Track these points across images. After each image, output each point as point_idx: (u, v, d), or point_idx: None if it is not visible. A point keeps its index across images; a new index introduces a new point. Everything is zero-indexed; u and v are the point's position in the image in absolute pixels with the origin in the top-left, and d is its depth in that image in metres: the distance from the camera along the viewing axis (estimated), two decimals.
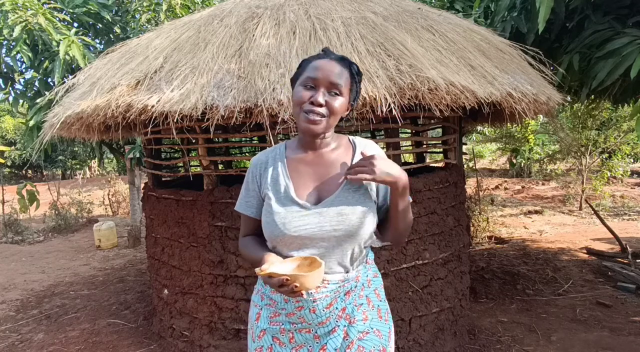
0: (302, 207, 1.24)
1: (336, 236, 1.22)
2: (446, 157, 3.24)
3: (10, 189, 10.12)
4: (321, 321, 1.26)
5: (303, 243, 1.23)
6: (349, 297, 1.29)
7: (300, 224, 1.22)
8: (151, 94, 2.33)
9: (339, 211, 1.23)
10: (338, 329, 1.27)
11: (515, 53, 3.06)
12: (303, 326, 1.29)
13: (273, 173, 1.31)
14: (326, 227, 1.22)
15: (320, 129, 1.21)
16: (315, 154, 1.31)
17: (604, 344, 2.93)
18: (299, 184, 1.28)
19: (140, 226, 6.77)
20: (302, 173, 1.29)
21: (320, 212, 1.23)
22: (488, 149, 16.88)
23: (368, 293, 1.34)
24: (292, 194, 1.26)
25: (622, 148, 8.16)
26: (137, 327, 3.54)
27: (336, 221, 1.22)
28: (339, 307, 1.27)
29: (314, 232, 1.22)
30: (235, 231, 2.71)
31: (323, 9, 2.65)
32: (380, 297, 1.38)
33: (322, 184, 1.28)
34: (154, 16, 5.63)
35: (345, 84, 1.22)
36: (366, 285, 1.35)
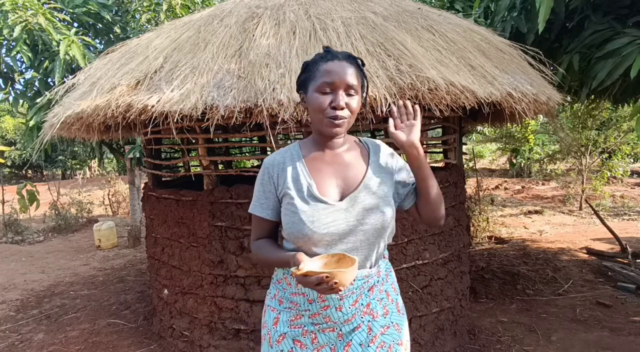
0: (328, 204, 1.24)
1: (364, 230, 1.24)
2: (446, 157, 3.24)
3: (10, 189, 10.12)
4: (347, 319, 1.27)
5: (332, 240, 1.22)
6: (373, 292, 1.31)
7: (329, 220, 1.22)
8: (151, 94, 2.33)
9: (364, 205, 1.25)
10: (363, 325, 1.29)
11: (515, 53, 3.06)
12: (328, 326, 1.29)
13: (292, 173, 1.29)
14: (353, 222, 1.24)
15: (343, 130, 1.26)
16: (333, 153, 1.33)
17: (604, 344, 2.93)
18: (320, 182, 1.28)
19: (140, 226, 6.77)
20: (323, 171, 1.30)
21: (345, 208, 1.25)
22: (488, 149, 16.88)
23: (387, 287, 1.37)
24: (315, 192, 1.25)
25: (622, 148, 8.17)
26: (137, 327, 3.54)
27: (362, 215, 1.24)
28: (364, 303, 1.29)
29: (343, 228, 1.23)
30: (235, 231, 2.71)
31: (323, 9, 2.65)
32: (396, 291, 1.42)
33: (343, 181, 1.30)
34: (154, 16, 5.63)
35: (359, 82, 1.25)
36: (385, 279, 1.38)
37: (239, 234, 2.69)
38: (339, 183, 1.29)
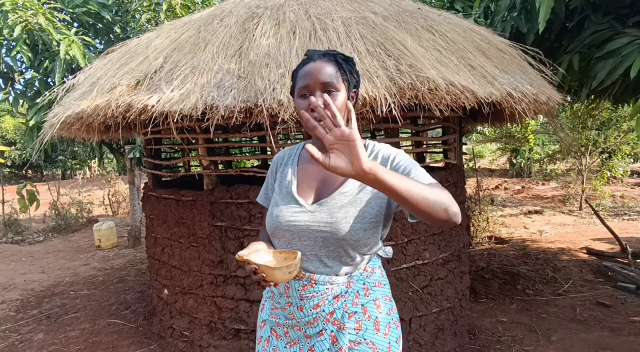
0: (298, 204, 1.28)
1: (322, 236, 1.22)
2: (446, 157, 3.24)
3: (10, 189, 10.12)
4: (308, 321, 1.27)
5: (292, 237, 1.27)
6: (338, 301, 1.26)
7: (291, 219, 1.26)
8: (151, 94, 2.33)
9: (329, 213, 1.22)
10: (325, 333, 1.26)
11: (515, 53, 3.06)
12: (293, 323, 1.31)
13: (284, 170, 1.38)
14: (314, 226, 1.23)
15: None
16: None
17: (604, 344, 2.93)
18: (303, 182, 1.32)
19: (140, 226, 6.77)
20: (309, 172, 1.32)
21: (312, 211, 1.24)
22: (488, 149, 16.88)
23: (365, 302, 1.28)
24: (292, 190, 1.30)
25: (622, 148, 8.17)
26: (137, 327, 3.54)
27: (324, 222, 1.22)
28: (326, 309, 1.25)
29: (302, 230, 1.24)
30: (235, 230, 2.71)
31: (323, 9, 2.65)
32: (380, 309, 1.29)
33: (323, 184, 1.29)
34: (154, 16, 5.63)
35: (337, 78, 1.19)
36: (362, 293, 1.28)
37: (239, 234, 2.69)
38: (318, 186, 1.29)
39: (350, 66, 1.25)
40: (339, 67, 1.21)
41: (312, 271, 1.26)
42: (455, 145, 3.16)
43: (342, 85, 1.20)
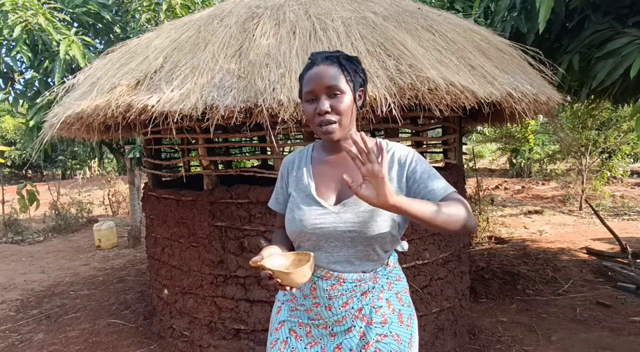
0: (322, 206, 1.27)
1: (350, 236, 1.23)
2: (446, 157, 3.24)
3: (10, 189, 10.12)
4: (337, 319, 1.28)
5: (318, 240, 1.26)
6: (366, 297, 1.28)
7: (317, 222, 1.25)
8: (151, 94, 2.33)
9: (355, 213, 1.23)
10: (354, 329, 1.27)
11: (515, 53, 3.06)
12: (320, 322, 1.31)
13: (298, 173, 1.37)
14: (341, 227, 1.23)
15: (338, 134, 1.23)
16: (338, 155, 1.32)
17: (604, 344, 2.93)
18: (320, 184, 1.31)
19: (140, 226, 6.77)
20: (325, 174, 1.32)
21: (337, 213, 1.24)
22: (488, 149, 16.88)
23: (388, 296, 1.32)
24: (313, 193, 1.30)
25: (622, 148, 8.17)
26: (137, 327, 3.54)
27: (351, 222, 1.22)
28: (355, 306, 1.27)
29: (329, 231, 1.24)
30: (235, 231, 2.71)
31: (323, 9, 2.65)
32: (402, 302, 1.34)
33: (343, 185, 1.28)
34: (153, 16, 5.63)
35: (341, 80, 1.21)
36: (386, 287, 1.32)
37: (239, 234, 2.69)
38: (337, 187, 1.29)
39: (355, 66, 1.25)
40: (343, 69, 1.22)
41: (340, 271, 1.26)
42: (455, 145, 3.16)
43: (346, 87, 1.21)
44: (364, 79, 1.29)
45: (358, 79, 1.26)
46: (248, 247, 2.67)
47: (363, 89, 1.30)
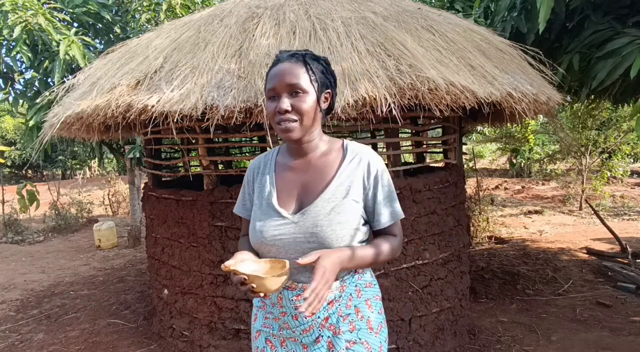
0: (281, 216, 1.23)
1: (309, 247, 1.18)
2: (446, 157, 3.24)
3: (10, 189, 10.11)
4: (304, 329, 1.24)
5: (278, 252, 1.22)
6: (332, 306, 1.24)
7: (276, 233, 1.22)
8: (151, 94, 2.33)
9: (314, 222, 1.18)
10: (322, 340, 1.23)
11: (515, 53, 3.06)
12: (289, 333, 1.28)
13: (262, 180, 1.32)
14: (300, 238, 1.19)
15: (297, 134, 1.19)
16: (302, 160, 1.27)
17: (604, 344, 2.93)
18: (282, 191, 1.27)
19: (140, 226, 6.77)
20: (287, 180, 1.27)
21: (296, 222, 1.20)
22: (488, 149, 16.87)
23: (357, 303, 1.27)
24: (273, 202, 1.25)
25: (622, 148, 8.17)
26: (137, 327, 3.54)
27: (310, 232, 1.18)
28: (321, 316, 1.23)
29: (288, 243, 1.20)
30: (235, 230, 2.71)
31: (323, 9, 2.65)
32: (372, 309, 1.29)
33: (304, 191, 1.24)
34: (153, 16, 5.63)
35: (304, 79, 1.16)
36: (355, 295, 1.27)
37: (238, 234, 2.69)
38: (299, 193, 1.25)
39: (322, 66, 1.21)
40: (307, 68, 1.17)
41: (305, 281, 1.22)
42: (455, 145, 3.16)
43: (309, 87, 1.17)
44: (332, 82, 1.24)
45: (325, 80, 1.21)
46: None
47: (330, 92, 1.24)
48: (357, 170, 1.23)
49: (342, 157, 1.25)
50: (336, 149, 1.28)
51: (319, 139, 1.27)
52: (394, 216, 1.26)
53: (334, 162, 1.25)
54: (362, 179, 1.23)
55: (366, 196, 1.24)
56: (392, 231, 1.27)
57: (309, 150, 1.27)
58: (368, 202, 1.24)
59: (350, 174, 1.23)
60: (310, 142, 1.25)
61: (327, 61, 1.24)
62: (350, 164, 1.24)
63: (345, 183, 1.22)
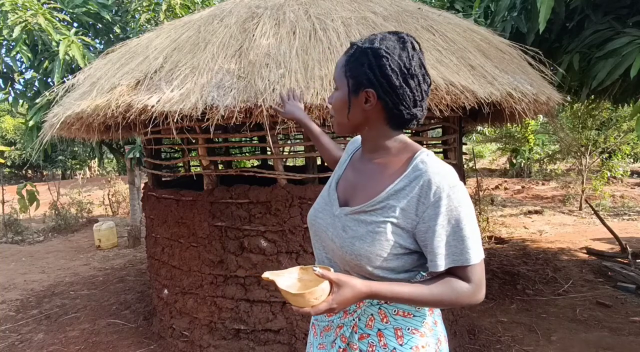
0: (330, 202, 1.16)
1: (332, 246, 1.11)
2: (446, 157, 3.23)
3: (10, 189, 10.11)
4: (325, 326, 1.19)
5: (314, 234, 1.19)
6: (346, 317, 1.13)
7: (318, 215, 1.18)
8: (151, 94, 2.33)
9: (344, 226, 1.08)
10: (335, 346, 1.14)
11: (515, 53, 3.06)
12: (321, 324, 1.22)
13: (345, 157, 1.27)
14: (330, 232, 1.11)
15: (337, 130, 1.13)
16: (364, 160, 1.15)
17: (604, 344, 2.93)
18: (342, 181, 1.21)
19: (140, 226, 6.77)
20: (348, 173, 1.21)
21: (335, 215, 1.12)
22: (488, 149, 16.88)
23: (382, 328, 1.09)
24: (333, 185, 1.20)
25: (622, 148, 8.17)
26: (137, 327, 3.54)
27: (337, 233, 1.09)
28: (335, 321, 1.15)
29: (321, 230, 1.15)
30: (235, 230, 2.70)
31: (323, 9, 2.65)
32: (402, 340, 1.08)
33: (353, 192, 1.13)
34: (153, 16, 5.63)
35: (339, 75, 1.07)
36: (377, 317, 1.09)
37: (239, 234, 2.69)
38: (349, 191, 1.15)
39: (369, 59, 1.00)
40: (349, 61, 1.05)
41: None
42: (455, 145, 3.16)
43: (342, 82, 1.06)
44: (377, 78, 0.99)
45: (362, 76, 1.01)
46: (248, 247, 2.67)
47: (371, 91, 1.01)
48: (412, 191, 1.00)
49: (402, 171, 1.04)
50: (402, 160, 1.07)
51: (382, 142, 1.09)
52: (458, 259, 0.98)
53: (390, 174, 1.06)
54: (415, 204, 0.99)
55: (417, 225, 1.00)
56: (461, 275, 1.00)
57: (369, 151, 1.13)
58: (419, 234, 1.00)
59: (400, 193, 1.01)
60: (368, 143, 1.12)
61: (387, 55, 0.98)
62: (405, 181, 1.02)
63: (389, 201, 1.02)
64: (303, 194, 2.58)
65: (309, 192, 2.58)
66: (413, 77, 1.00)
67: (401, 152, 1.08)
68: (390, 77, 0.98)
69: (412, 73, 1.00)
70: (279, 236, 2.62)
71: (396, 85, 0.99)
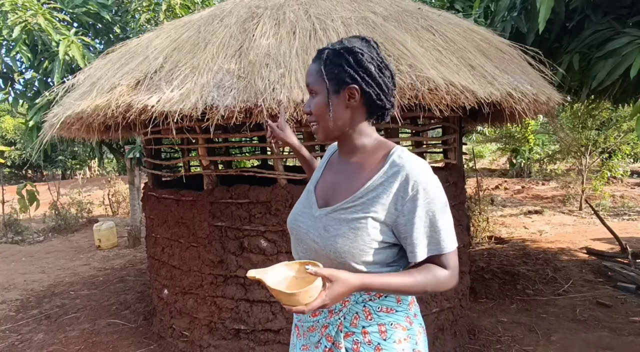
0: (309, 205, 1.19)
1: (314, 247, 1.12)
2: (446, 157, 3.23)
3: (10, 189, 10.11)
4: (309, 327, 1.19)
5: (295, 239, 1.21)
6: (331, 317, 1.14)
7: (298, 219, 1.20)
8: (151, 94, 2.33)
9: (326, 225, 1.10)
10: (320, 346, 1.15)
11: (515, 53, 3.06)
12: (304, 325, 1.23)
13: (321, 162, 1.31)
14: (311, 234, 1.13)
15: (320, 136, 1.14)
16: (342, 160, 1.19)
17: (604, 344, 2.93)
18: (320, 183, 1.24)
19: (140, 226, 6.77)
20: (327, 175, 1.24)
21: (315, 217, 1.15)
22: (488, 149, 16.88)
23: (367, 325, 1.12)
24: (311, 189, 1.23)
25: (622, 148, 8.17)
26: (137, 327, 3.54)
27: (318, 234, 1.11)
28: (321, 321, 1.15)
29: (302, 233, 1.16)
30: (235, 231, 2.71)
31: (323, 9, 2.65)
32: (385, 335, 1.11)
33: (333, 192, 1.16)
34: (153, 16, 5.63)
35: (316, 80, 1.08)
36: (362, 315, 1.12)
37: (239, 234, 2.69)
38: (328, 192, 1.18)
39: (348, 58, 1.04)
40: (324, 64, 1.07)
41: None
42: (455, 145, 3.16)
43: (320, 88, 1.08)
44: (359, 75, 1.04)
45: (344, 74, 1.05)
46: (248, 247, 2.67)
47: (355, 87, 1.05)
48: (390, 186, 1.04)
49: (380, 168, 1.08)
50: (379, 157, 1.11)
51: (361, 141, 1.13)
52: (435, 248, 1.05)
53: (368, 171, 1.10)
54: (394, 198, 1.04)
55: (396, 218, 1.05)
56: (439, 263, 1.06)
57: (346, 152, 1.16)
58: (399, 226, 1.05)
59: (378, 188, 1.06)
60: (346, 144, 1.15)
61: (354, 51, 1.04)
62: (383, 177, 1.06)
63: (369, 197, 1.06)
64: None
65: None
66: (387, 68, 1.09)
67: (377, 150, 1.13)
68: (369, 68, 1.05)
69: (385, 64, 1.08)
70: (279, 236, 2.62)
71: (375, 76, 1.06)
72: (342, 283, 0.96)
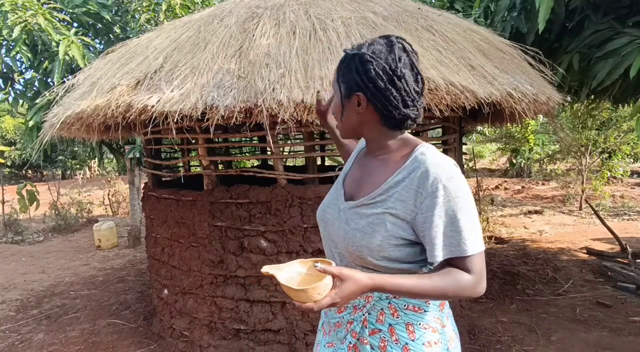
0: (337, 197, 1.21)
1: (338, 239, 1.14)
2: None
3: (10, 189, 10.11)
4: (336, 322, 1.20)
5: (323, 229, 1.23)
6: (356, 312, 1.14)
7: (327, 210, 1.22)
8: (151, 94, 2.33)
9: (348, 219, 1.12)
10: (345, 342, 1.16)
11: (515, 53, 3.06)
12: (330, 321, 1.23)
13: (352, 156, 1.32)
14: (336, 225, 1.15)
15: (342, 133, 1.18)
16: (367, 156, 1.20)
17: (604, 344, 2.93)
18: (348, 178, 1.25)
19: (140, 226, 6.77)
20: (354, 170, 1.25)
21: (341, 209, 1.16)
22: (488, 149, 16.88)
23: (394, 323, 1.10)
24: (340, 181, 1.25)
25: (622, 148, 8.17)
26: (137, 327, 3.54)
27: (341, 226, 1.13)
28: (346, 317, 1.16)
29: (329, 225, 1.19)
30: (235, 231, 2.70)
31: (323, 9, 2.65)
32: (413, 336, 1.09)
33: (357, 188, 1.17)
34: (153, 16, 5.63)
35: (334, 82, 1.14)
36: (388, 312, 1.11)
37: (239, 234, 2.69)
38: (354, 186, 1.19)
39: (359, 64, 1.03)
40: (339, 67, 1.11)
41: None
42: (455, 145, 3.16)
43: (336, 88, 1.13)
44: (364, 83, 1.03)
45: (351, 80, 1.05)
46: (248, 247, 2.67)
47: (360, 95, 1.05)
48: (411, 183, 1.02)
49: (402, 164, 1.07)
50: (403, 154, 1.10)
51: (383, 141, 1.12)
52: (456, 249, 0.99)
53: (391, 168, 1.09)
54: (413, 195, 1.02)
55: (415, 215, 1.02)
56: (461, 266, 1.01)
57: (371, 149, 1.17)
58: (418, 224, 1.02)
59: (399, 185, 1.04)
60: (371, 143, 1.16)
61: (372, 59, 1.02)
62: (404, 173, 1.04)
63: (389, 193, 1.05)
64: (303, 194, 2.58)
65: (309, 192, 2.58)
66: (400, 79, 1.02)
67: (402, 147, 1.11)
68: (376, 80, 1.02)
69: (398, 75, 1.02)
70: (279, 236, 2.62)
71: (382, 88, 1.02)
72: (352, 282, 0.95)
